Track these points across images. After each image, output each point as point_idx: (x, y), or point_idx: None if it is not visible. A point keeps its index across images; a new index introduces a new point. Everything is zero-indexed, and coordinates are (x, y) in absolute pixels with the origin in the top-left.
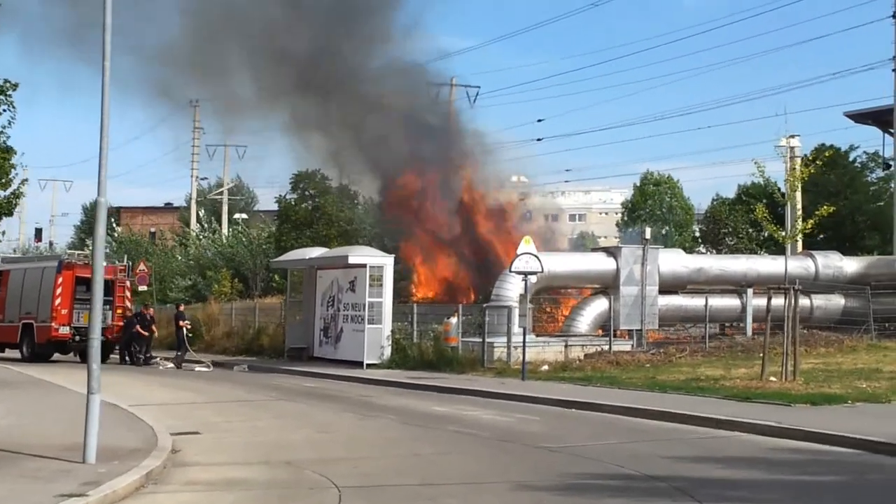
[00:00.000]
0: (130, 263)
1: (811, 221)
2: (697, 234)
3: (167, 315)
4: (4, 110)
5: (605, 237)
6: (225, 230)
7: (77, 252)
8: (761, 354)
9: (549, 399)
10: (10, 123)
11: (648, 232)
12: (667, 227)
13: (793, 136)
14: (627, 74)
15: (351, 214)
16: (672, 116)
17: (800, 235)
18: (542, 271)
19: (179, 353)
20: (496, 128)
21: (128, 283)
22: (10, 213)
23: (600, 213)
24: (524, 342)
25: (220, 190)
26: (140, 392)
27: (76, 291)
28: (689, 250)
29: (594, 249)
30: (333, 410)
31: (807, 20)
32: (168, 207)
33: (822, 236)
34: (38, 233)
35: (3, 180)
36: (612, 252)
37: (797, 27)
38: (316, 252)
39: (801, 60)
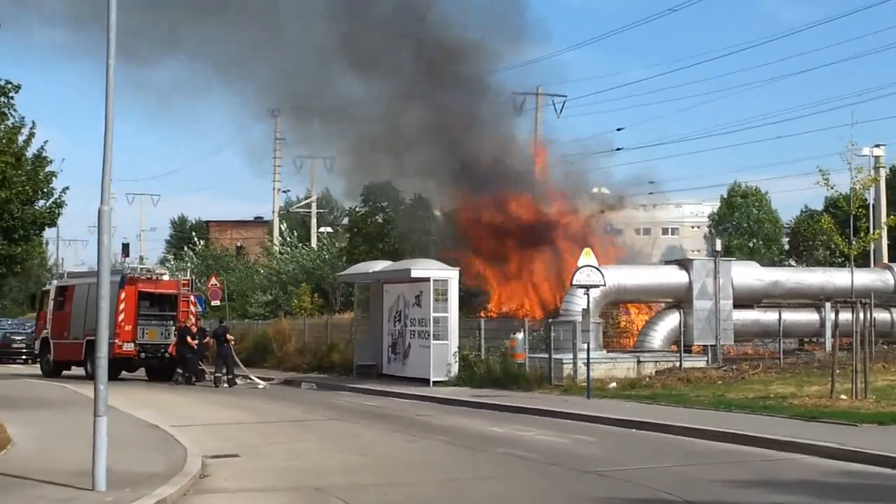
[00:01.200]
0: (194, 278)
1: (877, 232)
2: (787, 247)
3: (243, 330)
4: (4, 111)
5: (697, 251)
6: (313, 243)
7: (140, 266)
8: (836, 371)
9: (610, 419)
10: (26, 130)
11: (719, 244)
12: (755, 240)
13: (878, 146)
14: (714, 82)
15: (428, 226)
16: (760, 125)
17: (870, 246)
18: (604, 284)
19: (225, 372)
20: (582, 136)
21: (192, 298)
22: (52, 224)
23: (692, 227)
24: (588, 358)
25: (303, 202)
26: (190, 411)
27: (140, 307)
28: (778, 263)
29: (666, 262)
30: (383, 431)
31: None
32: (257, 221)
33: None
34: (126, 248)
35: (45, 189)
36: (683, 265)
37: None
38: (380, 265)
39: (883, 67)
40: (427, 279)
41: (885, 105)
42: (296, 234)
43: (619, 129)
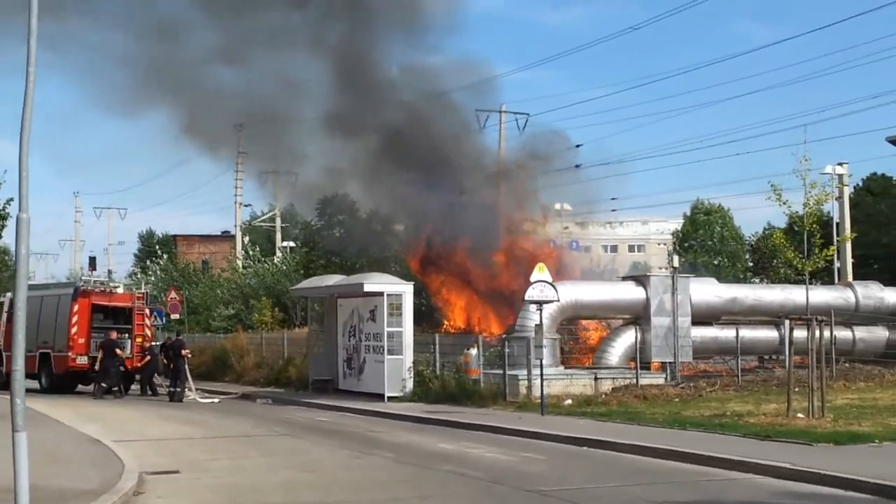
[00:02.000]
0: (155, 292)
1: (831, 249)
2: (751, 264)
3: (203, 344)
4: None
5: (662, 267)
6: (277, 258)
7: (94, 279)
8: (795, 389)
9: (561, 436)
10: None
11: (677, 260)
12: (719, 258)
13: (841, 164)
14: (675, 100)
15: (387, 241)
16: (720, 143)
17: (836, 263)
18: (558, 300)
19: (176, 386)
20: (543, 153)
21: (147, 311)
22: None
23: (658, 244)
24: (542, 375)
25: (265, 217)
26: (139, 426)
27: (94, 320)
28: (743, 281)
29: (624, 278)
30: (331, 448)
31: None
32: (225, 235)
33: (876, 267)
34: (92, 261)
35: None
36: (641, 281)
37: (849, 51)
38: (333, 279)
39: (845, 84)
40: (381, 293)
41: (849, 123)
42: (258, 248)
43: (577, 146)
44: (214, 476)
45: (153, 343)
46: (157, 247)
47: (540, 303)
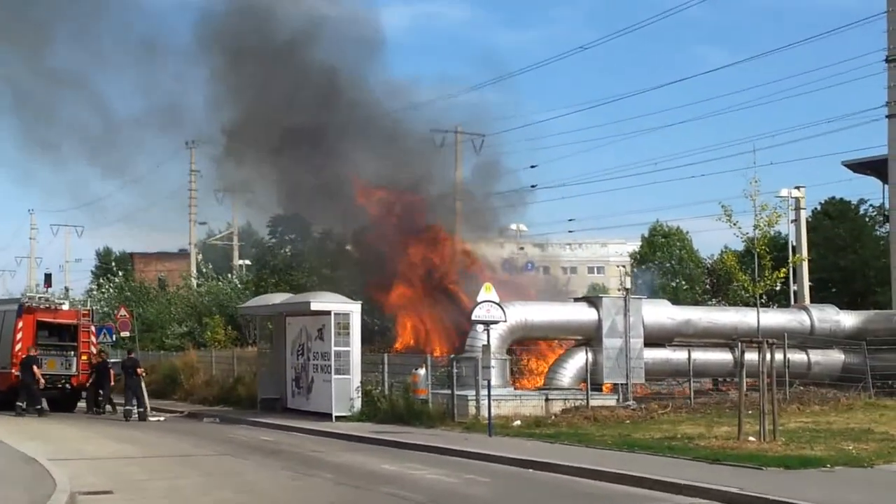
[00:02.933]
0: (94, 308)
1: (783, 271)
2: (708, 286)
3: (154, 362)
4: None
5: (620, 289)
6: (232, 276)
7: (38, 295)
8: (749, 412)
9: (507, 458)
10: None
11: (629, 281)
12: (677, 280)
13: (798, 188)
14: (632, 122)
15: (338, 259)
16: (677, 166)
17: (773, 286)
18: (505, 320)
19: (136, 405)
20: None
21: (93, 329)
22: None
23: (618, 266)
24: (489, 395)
25: (222, 235)
26: (77, 445)
27: (38, 336)
28: (701, 303)
29: (576, 300)
30: (272, 468)
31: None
32: (182, 253)
33: (834, 290)
34: (48, 278)
35: None
36: (593, 302)
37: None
38: (280, 298)
39: (799, 109)
40: (328, 312)
41: (808, 147)
42: (211, 266)
43: (532, 167)
44: (148, 497)
45: (108, 360)
46: (114, 264)
47: (486, 323)
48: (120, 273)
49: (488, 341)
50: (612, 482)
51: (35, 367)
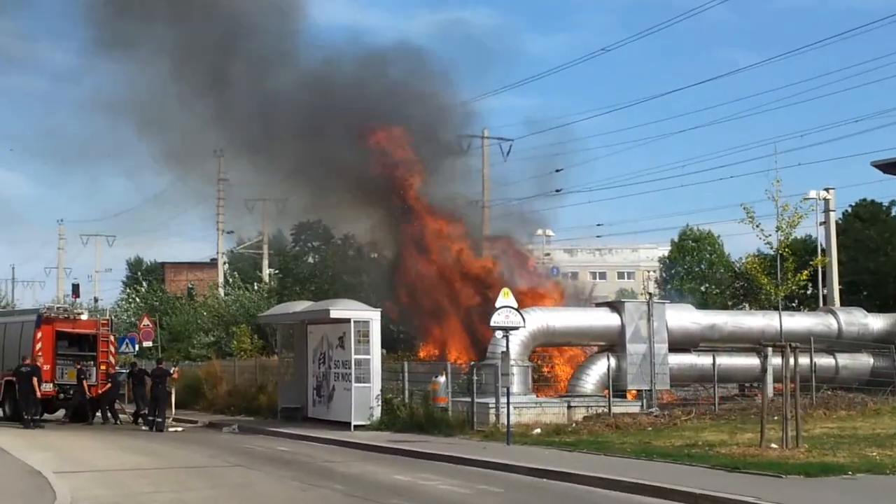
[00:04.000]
0: (121, 318)
1: (805, 273)
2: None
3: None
4: None
5: (644, 293)
6: (260, 285)
7: (57, 305)
8: (774, 418)
9: (523, 467)
10: None
11: (653, 286)
12: (706, 285)
13: (827, 189)
14: (658, 126)
15: (360, 266)
16: (708, 169)
17: (796, 289)
18: (524, 325)
19: (157, 414)
20: (525, 178)
21: (112, 338)
22: None
23: (647, 271)
24: (508, 402)
25: (250, 244)
26: (89, 456)
27: (58, 346)
28: (731, 308)
29: (598, 304)
30: (282, 479)
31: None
32: (212, 263)
33: (865, 294)
34: (76, 288)
35: None
36: (615, 307)
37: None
38: (301, 306)
39: (827, 108)
40: (348, 320)
41: (839, 147)
42: (237, 275)
43: (557, 171)
44: None
45: (118, 370)
46: (141, 275)
47: (505, 329)
48: (145, 283)
49: (507, 348)
50: (628, 492)
51: (35, 379)
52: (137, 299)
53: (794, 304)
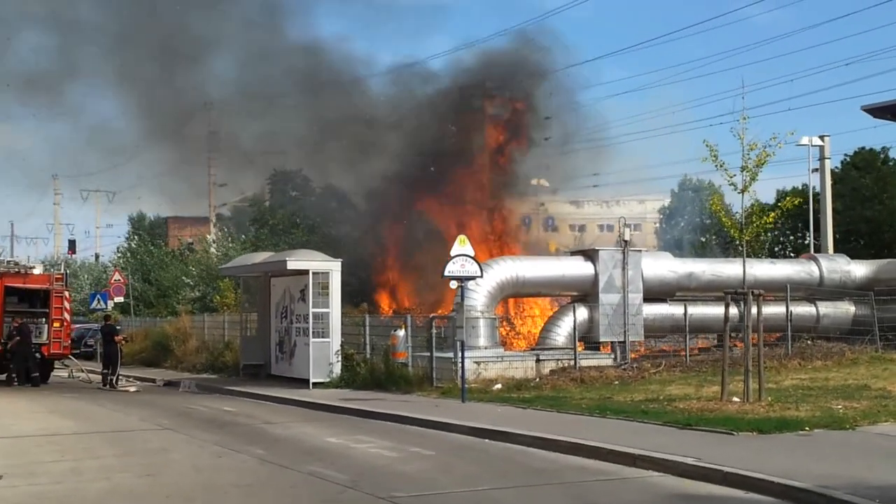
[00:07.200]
0: (67, 272)
1: (773, 214)
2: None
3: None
4: None
5: (654, 247)
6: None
7: (6, 259)
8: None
9: (466, 427)
10: None
11: (627, 233)
12: (707, 235)
13: (822, 137)
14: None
15: (339, 217)
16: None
17: (761, 232)
18: (481, 275)
19: (109, 371)
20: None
21: (66, 294)
22: None
23: (654, 224)
24: (462, 357)
25: (243, 197)
26: (10, 420)
27: (6, 303)
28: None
29: (572, 253)
30: (203, 444)
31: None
32: (217, 216)
33: (861, 242)
34: (72, 244)
35: None
36: (589, 256)
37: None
38: (261, 257)
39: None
40: (306, 271)
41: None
42: (226, 229)
43: (546, 118)
44: (36, 482)
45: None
46: (141, 231)
47: (461, 279)
48: (136, 237)
49: (462, 299)
50: (567, 453)
51: None
52: (128, 255)
53: (781, 252)
